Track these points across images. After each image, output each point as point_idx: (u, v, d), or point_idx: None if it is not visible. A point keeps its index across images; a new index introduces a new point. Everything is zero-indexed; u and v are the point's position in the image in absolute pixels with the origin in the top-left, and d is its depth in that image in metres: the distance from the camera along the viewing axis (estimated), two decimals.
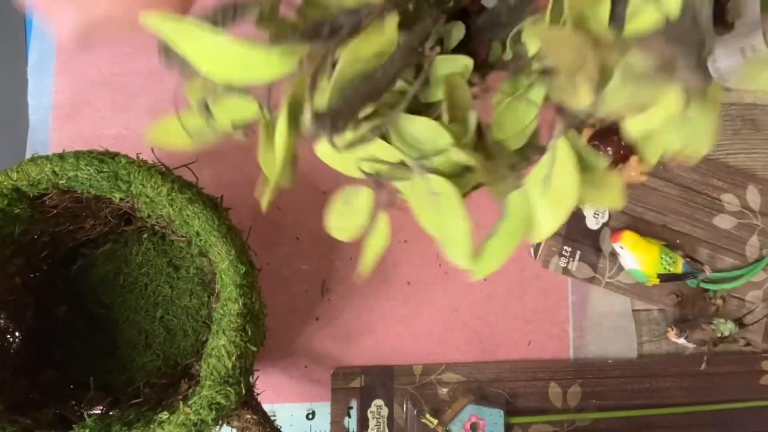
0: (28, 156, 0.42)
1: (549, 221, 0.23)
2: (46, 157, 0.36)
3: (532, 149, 0.26)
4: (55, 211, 0.39)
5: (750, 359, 0.51)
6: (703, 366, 0.49)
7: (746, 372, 0.50)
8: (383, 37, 0.21)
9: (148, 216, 0.39)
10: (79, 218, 0.42)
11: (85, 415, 0.36)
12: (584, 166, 0.24)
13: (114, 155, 0.36)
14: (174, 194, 0.36)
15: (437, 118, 0.25)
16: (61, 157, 0.36)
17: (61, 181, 0.36)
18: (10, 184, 0.36)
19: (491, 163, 0.25)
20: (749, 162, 0.53)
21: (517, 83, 0.26)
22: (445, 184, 0.25)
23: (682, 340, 0.49)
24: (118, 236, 0.46)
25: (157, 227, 0.44)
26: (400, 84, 0.25)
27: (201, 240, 0.37)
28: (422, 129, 0.25)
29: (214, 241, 0.36)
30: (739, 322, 0.50)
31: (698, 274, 0.49)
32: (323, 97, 0.20)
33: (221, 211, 0.38)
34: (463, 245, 0.25)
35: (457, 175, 0.26)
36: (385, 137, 0.25)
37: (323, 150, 0.25)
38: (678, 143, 0.23)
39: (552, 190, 0.23)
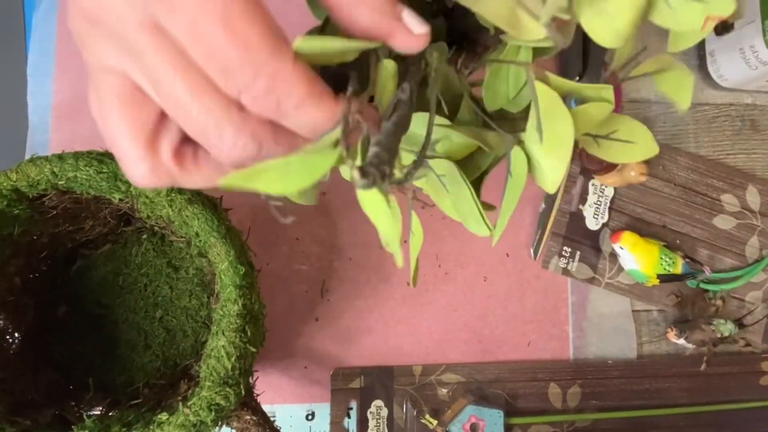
0: (27, 157, 0.42)
1: (553, 168, 0.23)
2: (46, 158, 0.36)
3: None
4: (55, 212, 0.39)
5: (750, 360, 0.51)
6: (702, 366, 0.49)
7: (746, 372, 0.50)
8: (388, 73, 0.21)
9: (148, 217, 0.39)
10: (79, 219, 0.42)
11: (85, 416, 0.36)
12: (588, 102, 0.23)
13: (113, 156, 0.36)
14: (173, 195, 0.36)
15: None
16: (61, 157, 0.36)
17: (60, 182, 0.36)
18: (9, 185, 0.36)
19: (494, 134, 0.25)
20: (749, 162, 0.53)
21: (502, 52, 0.26)
22: (445, 164, 0.25)
23: (681, 341, 0.49)
24: (117, 237, 0.46)
25: (156, 228, 0.44)
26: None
27: (200, 241, 0.37)
28: (419, 122, 0.25)
29: (214, 242, 0.36)
30: (739, 323, 0.50)
31: (698, 274, 0.49)
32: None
33: (221, 211, 0.38)
34: (473, 213, 0.25)
35: (470, 156, 0.26)
36: None
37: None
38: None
39: (547, 136, 0.22)
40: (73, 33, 0.20)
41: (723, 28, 0.49)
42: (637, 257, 0.47)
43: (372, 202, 0.22)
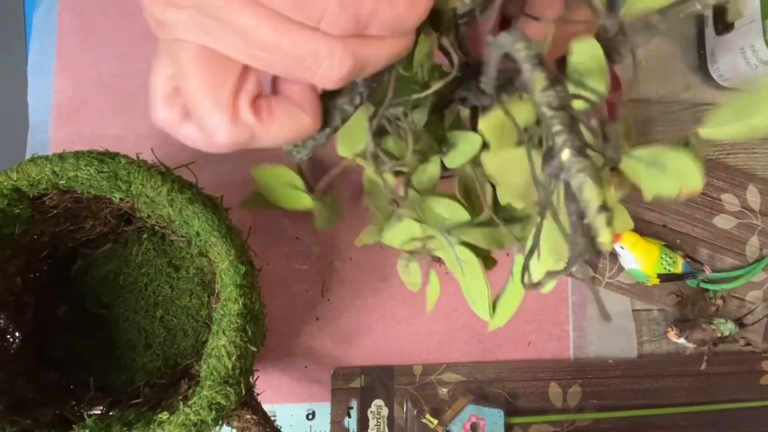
0: (28, 156, 0.42)
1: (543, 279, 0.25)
2: (46, 158, 0.36)
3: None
4: (55, 212, 0.39)
5: (750, 359, 0.51)
6: (703, 366, 0.49)
7: (746, 372, 0.50)
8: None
9: (148, 216, 0.39)
10: (79, 218, 0.42)
11: (85, 416, 0.36)
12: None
13: (114, 155, 0.36)
14: (174, 194, 0.36)
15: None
16: (61, 157, 0.36)
17: (61, 182, 0.36)
18: (10, 185, 0.36)
19: (506, 232, 0.28)
20: (749, 162, 0.53)
21: None
22: (468, 254, 0.28)
23: (682, 340, 0.49)
24: (118, 236, 0.46)
25: (157, 227, 0.44)
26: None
27: (201, 240, 0.37)
28: (443, 207, 0.28)
29: (214, 241, 0.36)
30: (739, 322, 0.50)
31: (698, 274, 0.49)
32: None
33: (221, 211, 0.38)
34: (482, 305, 0.29)
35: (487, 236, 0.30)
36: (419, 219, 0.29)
37: (388, 237, 0.31)
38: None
39: (542, 256, 0.25)
40: (147, 14, 0.22)
41: (723, 28, 0.49)
42: (637, 257, 0.47)
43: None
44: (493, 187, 0.28)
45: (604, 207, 0.19)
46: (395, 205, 0.29)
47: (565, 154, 0.19)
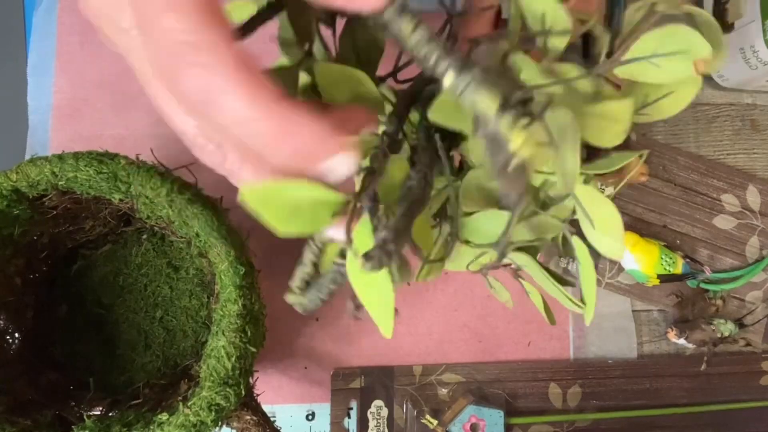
0: (27, 157, 0.42)
1: (611, 249, 0.24)
2: (46, 158, 0.36)
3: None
4: (55, 212, 0.39)
5: (750, 359, 0.51)
6: (703, 366, 0.49)
7: (746, 372, 0.50)
8: (400, 170, 0.23)
9: (148, 217, 0.39)
10: (79, 219, 0.42)
11: (85, 416, 0.36)
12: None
13: (113, 156, 0.36)
14: (173, 195, 0.36)
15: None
16: (61, 158, 0.36)
17: (60, 182, 0.36)
18: (9, 185, 0.36)
19: (547, 219, 0.27)
20: (749, 162, 0.53)
21: None
22: (522, 257, 0.28)
23: (682, 341, 0.49)
24: (117, 237, 0.46)
25: (156, 228, 0.44)
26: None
27: (200, 241, 0.37)
28: (487, 221, 0.27)
29: (214, 242, 0.36)
30: (739, 323, 0.50)
31: (698, 274, 0.49)
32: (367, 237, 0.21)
33: (221, 212, 0.38)
34: (564, 299, 0.28)
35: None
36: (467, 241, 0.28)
37: (452, 266, 0.29)
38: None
39: (598, 223, 0.23)
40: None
41: (723, 28, 0.49)
42: (637, 257, 0.47)
43: (366, 284, 0.22)
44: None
45: (505, 105, 0.17)
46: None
47: (449, 78, 0.17)
